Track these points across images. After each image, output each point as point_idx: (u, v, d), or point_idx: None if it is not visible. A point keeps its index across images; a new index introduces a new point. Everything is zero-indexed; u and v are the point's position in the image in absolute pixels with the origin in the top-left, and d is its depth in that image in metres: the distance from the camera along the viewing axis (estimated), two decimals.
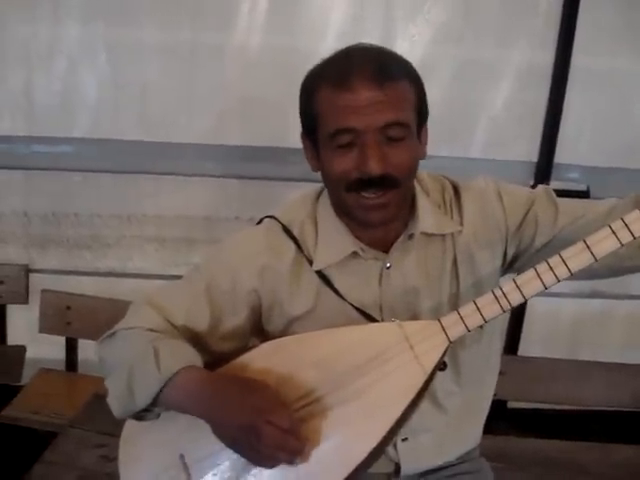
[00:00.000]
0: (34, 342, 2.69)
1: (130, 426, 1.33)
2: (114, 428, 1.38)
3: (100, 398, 2.16)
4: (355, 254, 1.27)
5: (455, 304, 1.29)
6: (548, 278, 1.10)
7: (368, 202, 1.18)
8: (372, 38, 2.47)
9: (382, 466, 1.36)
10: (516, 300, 1.12)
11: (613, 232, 1.08)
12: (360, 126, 1.14)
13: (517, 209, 1.30)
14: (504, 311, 1.13)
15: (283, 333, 1.31)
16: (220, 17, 2.53)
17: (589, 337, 2.94)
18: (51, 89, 2.57)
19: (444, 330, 1.15)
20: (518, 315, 2.87)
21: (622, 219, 1.08)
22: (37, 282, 2.73)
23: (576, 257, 1.09)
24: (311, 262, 1.28)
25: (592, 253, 1.09)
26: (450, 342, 1.15)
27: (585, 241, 1.09)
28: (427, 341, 1.15)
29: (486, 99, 2.63)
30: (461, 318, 1.14)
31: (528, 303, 2.72)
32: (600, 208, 1.26)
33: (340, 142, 1.16)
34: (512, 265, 1.36)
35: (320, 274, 1.27)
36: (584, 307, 2.92)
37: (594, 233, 1.10)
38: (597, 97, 2.64)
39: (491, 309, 1.13)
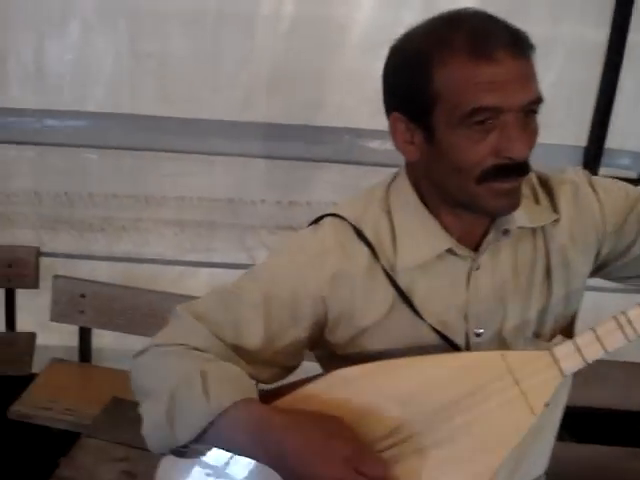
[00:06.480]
0: (44, 329, 2.54)
1: (165, 466, 1.13)
2: (137, 438, 1.19)
3: (120, 402, 2.02)
4: (449, 251, 1.08)
5: (543, 315, 1.11)
6: None
7: (503, 187, 1.00)
8: (412, 8, 2.37)
9: None
10: None
11: None
12: (505, 104, 0.95)
13: (617, 207, 1.11)
14: (629, 340, 0.96)
15: (348, 344, 1.13)
16: None
17: None
18: (64, 58, 2.40)
19: (557, 363, 0.99)
20: None
21: None
22: (48, 266, 2.57)
23: None
24: (389, 267, 1.08)
25: None
26: (563, 377, 0.99)
27: None
28: (536, 376, 0.99)
29: None
30: (578, 349, 0.97)
31: None
32: None
33: (476, 123, 0.96)
34: (596, 272, 1.17)
35: (395, 284, 1.08)
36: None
37: None
38: None
39: (614, 338, 0.96)
